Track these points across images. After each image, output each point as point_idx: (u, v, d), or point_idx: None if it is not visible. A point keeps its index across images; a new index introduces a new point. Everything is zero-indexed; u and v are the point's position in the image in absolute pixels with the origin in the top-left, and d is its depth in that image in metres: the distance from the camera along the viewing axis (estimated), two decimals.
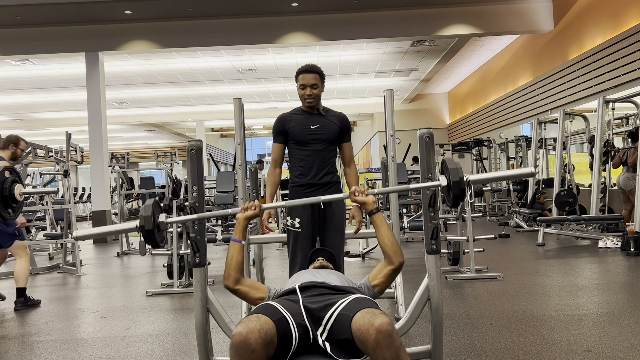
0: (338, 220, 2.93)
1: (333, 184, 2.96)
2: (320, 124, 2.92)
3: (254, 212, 2.09)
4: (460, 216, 5.41)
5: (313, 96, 2.86)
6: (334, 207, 2.91)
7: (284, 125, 2.94)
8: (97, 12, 9.40)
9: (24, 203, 4.92)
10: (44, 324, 3.88)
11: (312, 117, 2.93)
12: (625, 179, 7.06)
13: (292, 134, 2.92)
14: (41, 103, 15.83)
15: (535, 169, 1.93)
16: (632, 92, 7.18)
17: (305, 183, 2.91)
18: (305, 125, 2.91)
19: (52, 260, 7.62)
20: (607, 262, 5.52)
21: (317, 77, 2.86)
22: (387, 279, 2.09)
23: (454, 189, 1.95)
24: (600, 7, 8.54)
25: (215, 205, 8.98)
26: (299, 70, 2.90)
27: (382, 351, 1.57)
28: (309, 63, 2.95)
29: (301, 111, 2.97)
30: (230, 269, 2.05)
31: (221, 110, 18.60)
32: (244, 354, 1.59)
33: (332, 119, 2.95)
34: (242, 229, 2.11)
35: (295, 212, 2.90)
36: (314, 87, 2.85)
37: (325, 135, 2.91)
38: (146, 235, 1.98)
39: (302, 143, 2.92)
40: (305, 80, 2.85)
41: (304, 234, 2.89)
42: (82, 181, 26.35)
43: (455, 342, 3.00)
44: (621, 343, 2.86)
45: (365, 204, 2.08)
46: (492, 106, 13.76)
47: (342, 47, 11.38)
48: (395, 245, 2.07)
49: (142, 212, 1.98)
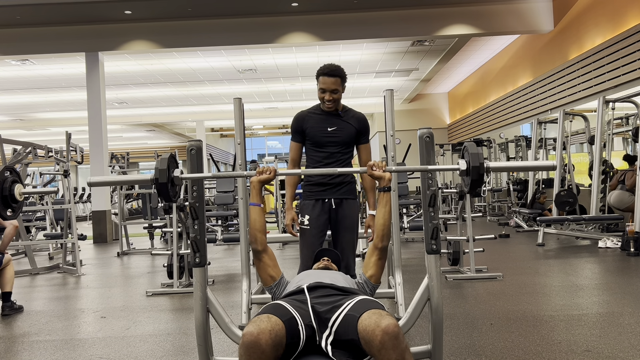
0: (350, 221, 2.92)
1: (346, 184, 2.94)
2: (338, 126, 2.87)
3: (268, 176, 2.10)
4: (460, 216, 5.41)
5: (333, 101, 2.81)
6: (345, 208, 2.91)
7: (302, 124, 2.90)
8: (97, 12, 9.41)
9: (24, 203, 4.91)
10: (44, 324, 3.88)
11: (330, 117, 2.89)
12: (618, 197, 7.02)
13: (310, 134, 2.89)
14: (41, 103, 15.83)
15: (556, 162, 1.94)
16: (632, 92, 7.18)
17: (318, 182, 2.90)
18: (323, 127, 2.87)
19: (52, 260, 7.62)
20: (607, 262, 5.52)
21: (338, 82, 2.78)
22: (378, 267, 2.16)
23: (473, 174, 1.92)
24: (600, 7, 8.54)
25: (215, 205, 8.99)
26: (321, 71, 2.80)
27: (387, 352, 1.57)
28: (331, 64, 2.84)
29: (320, 111, 2.92)
30: (256, 232, 2.13)
31: (221, 110, 18.60)
32: (253, 354, 1.58)
33: (350, 121, 2.91)
34: (257, 193, 2.14)
35: (306, 209, 2.91)
36: (334, 92, 2.79)
37: (342, 138, 2.88)
38: (160, 188, 1.95)
39: (319, 145, 2.89)
40: (325, 84, 2.77)
41: (313, 232, 2.87)
42: (82, 181, 26.35)
43: (455, 342, 3.00)
44: (621, 343, 2.86)
45: (381, 179, 2.08)
46: (492, 106, 13.76)
47: (342, 47, 11.38)
48: (386, 228, 2.12)
49: (158, 164, 1.95)
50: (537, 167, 2.16)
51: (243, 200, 3.50)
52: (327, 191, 2.89)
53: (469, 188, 1.98)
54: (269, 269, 2.15)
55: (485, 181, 1.99)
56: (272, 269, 2.15)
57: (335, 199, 2.91)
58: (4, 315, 4.21)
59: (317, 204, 2.90)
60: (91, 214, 10.86)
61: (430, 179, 2.04)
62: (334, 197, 2.91)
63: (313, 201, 2.92)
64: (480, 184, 1.95)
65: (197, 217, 2.06)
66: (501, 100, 13.08)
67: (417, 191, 10.91)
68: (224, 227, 8.77)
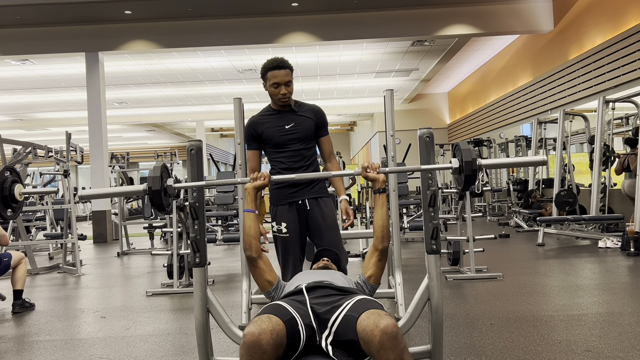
0: (331, 219, 2.79)
1: (317, 182, 2.81)
2: (295, 122, 2.73)
3: (262, 182, 2.08)
4: (460, 216, 5.41)
5: (288, 95, 2.67)
6: (322, 208, 2.78)
7: (256, 129, 2.75)
8: (97, 12, 9.41)
9: (24, 203, 4.91)
10: (44, 324, 3.88)
11: (285, 115, 2.74)
12: (630, 186, 7.01)
13: (267, 137, 2.73)
14: (41, 103, 15.83)
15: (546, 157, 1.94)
16: (632, 92, 7.18)
17: (289, 184, 2.74)
18: (279, 126, 2.72)
19: (52, 260, 7.62)
20: (607, 262, 5.52)
21: (289, 73, 2.65)
22: (377, 268, 2.12)
23: (466, 169, 1.92)
24: (600, 7, 8.54)
25: (215, 205, 8.99)
26: (268, 66, 2.65)
27: (386, 352, 1.57)
28: (276, 57, 2.68)
29: (272, 110, 2.78)
30: (250, 238, 2.08)
31: (221, 110, 18.60)
32: (254, 354, 1.58)
33: (307, 114, 2.76)
34: (252, 199, 2.10)
35: (281, 217, 2.74)
36: (287, 85, 2.65)
37: (302, 133, 2.73)
38: (153, 196, 1.92)
39: (279, 145, 2.73)
40: (278, 78, 2.63)
41: (292, 239, 2.73)
42: (82, 181, 26.35)
43: (455, 342, 3.00)
44: (621, 343, 2.86)
45: (376, 181, 2.07)
46: (492, 106, 13.76)
47: (342, 47, 11.38)
48: (385, 229, 2.10)
49: (151, 173, 1.94)
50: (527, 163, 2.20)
51: (243, 200, 3.50)
52: (300, 192, 2.74)
53: (463, 185, 1.98)
54: (265, 274, 2.10)
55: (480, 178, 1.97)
56: (269, 274, 2.11)
57: (309, 199, 2.76)
58: (14, 312, 4.26)
59: (291, 209, 2.74)
60: (91, 214, 10.86)
61: (430, 179, 2.04)
62: (307, 198, 2.76)
63: (287, 205, 2.75)
64: (474, 181, 1.95)
65: (197, 217, 2.06)
66: (501, 100, 13.08)
67: (417, 191, 10.91)
68: (224, 227, 8.78)
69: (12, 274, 4.35)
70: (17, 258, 4.37)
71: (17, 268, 4.35)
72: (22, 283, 4.34)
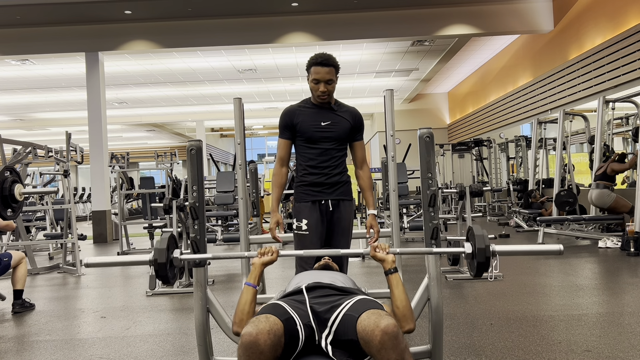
0: (346, 224, 2.78)
1: (343, 184, 2.76)
2: (332, 121, 2.68)
3: (271, 257, 2.03)
4: (460, 216, 5.41)
5: (327, 92, 2.62)
6: (342, 210, 2.76)
7: (292, 119, 2.69)
8: (97, 12, 9.41)
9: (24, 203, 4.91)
10: (44, 324, 3.88)
11: (323, 112, 2.69)
12: (599, 196, 6.80)
13: (301, 130, 2.68)
14: (41, 103, 15.83)
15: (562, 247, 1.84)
16: (632, 92, 7.18)
17: (313, 182, 2.70)
18: (315, 121, 2.67)
19: (52, 260, 7.61)
20: (607, 262, 5.52)
21: (332, 72, 2.60)
22: None
23: (479, 257, 1.87)
24: (600, 7, 8.54)
25: (215, 205, 8.98)
26: (313, 61, 2.61)
27: (386, 352, 1.57)
28: (323, 53, 2.64)
29: (311, 104, 2.72)
30: (243, 315, 1.91)
31: (221, 110, 18.61)
32: (252, 355, 1.58)
33: (345, 115, 2.72)
34: (257, 275, 2.01)
35: (303, 213, 2.71)
36: (328, 83, 2.60)
37: (337, 133, 2.68)
38: (158, 269, 1.90)
39: (311, 140, 2.68)
40: (319, 74, 2.58)
41: (311, 237, 2.69)
42: (82, 181, 26.35)
43: (455, 342, 3.00)
44: (621, 343, 2.86)
45: (384, 262, 1.99)
46: (492, 106, 13.76)
47: (342, 47, 11.38)
48: (406, 310, 1.91)
49: (157, 245, 1.92)
50: (542, 252, 2.00)
51: (243, 200, 3.50)
52: (324, 192, 2.71)
53: (476, 271, 1.90)
54: None
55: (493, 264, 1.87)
56: None
57: (332, 200, 2.73)
58: (14, 312, 4.26)
59: (314, 207, 2.71)
60: (91, 214, 10.86)
61: (430, 179, 2.04)
62: (331, 199, 2.73)
63: (310, 203, 2.71)
64: (487, 268, 1.88)
65: (197, 217, 2.06)
66: (501, 100, 13.08)
67: (417, 191, 10.91)
68: (224, 227, 8.77)
69: (12, 274, 4.34)
70: (17, 258, 4.36)
71: (17, 268, 4.34)
72: (22, 283, 4.34)
